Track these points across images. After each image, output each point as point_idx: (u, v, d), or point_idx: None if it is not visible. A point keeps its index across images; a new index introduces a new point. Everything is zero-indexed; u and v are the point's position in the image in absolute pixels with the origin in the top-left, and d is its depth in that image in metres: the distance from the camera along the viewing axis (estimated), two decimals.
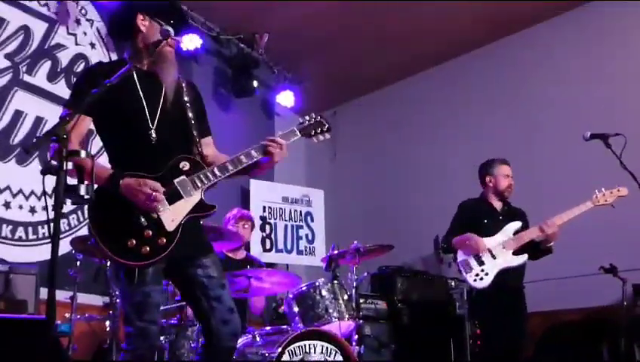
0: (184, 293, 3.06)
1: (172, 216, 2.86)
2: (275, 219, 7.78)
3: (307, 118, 3.29)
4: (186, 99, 3.13)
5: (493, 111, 7.72)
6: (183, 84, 3.18)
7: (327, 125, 3.29)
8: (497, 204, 5.28)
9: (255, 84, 7.97)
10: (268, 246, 7.63)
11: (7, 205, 5.61)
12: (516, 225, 5.09)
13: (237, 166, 3.02)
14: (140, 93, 2.99)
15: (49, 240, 5.60)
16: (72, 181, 2.37)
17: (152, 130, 2.95)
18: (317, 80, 8.61)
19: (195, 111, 3.14)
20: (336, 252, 5.08)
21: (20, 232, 5.67)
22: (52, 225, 2.26)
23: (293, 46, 8.01)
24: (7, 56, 5.83)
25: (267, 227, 7.69)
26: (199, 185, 2.94)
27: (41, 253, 5.64)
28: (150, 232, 2.80)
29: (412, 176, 8.34)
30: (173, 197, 2.89)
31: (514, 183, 5.25)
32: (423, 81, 8.58)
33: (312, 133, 3.26)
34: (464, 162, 6.04)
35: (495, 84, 7.77)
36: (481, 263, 4.96)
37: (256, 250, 7.26)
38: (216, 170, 2.98)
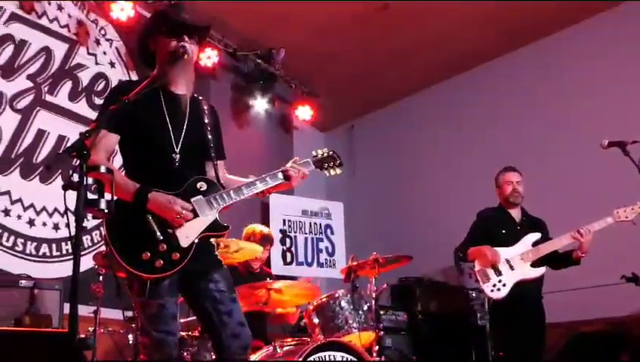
0: (195, 308, 3.09)
1: (187, 232, 2.91)
2: (295, 233, 7.80)
3: (320, 151, 3.36)
4: (206, 121, 3.19)
5: (511, 120, 7.71)
6: (205, 107, 3.24)
7: (338, 160, 3.38)
8: (515, 214, 5.27)
9: (273, 98, 8.05)
10: (288, 259, 7.64)
11: (31, 222, 5.72)
12: (535, 236, 5.07)
13: (252, 190, 3.10)
14: (166, 114, 3.06)
15: (72, 256, 5.77)
16: (92, 196, 2.42)
17: (177, 155, 3.02)
18: (334, 94, 8.66)
19: (214, 135, 3.20)
20: (355, 263, 5.09)
21: (44, 249, 5.76)
22: (73, 239, 2.30)
23: (309, 61, 8.08)
24: (30, 77, 5.96)
25: (287, 240, 7.71)
26: (215, 205, 2.99)
27: (65, 269, 5.72)
28: (165, 246, 2.85)
29: (430, 187, 8.34)
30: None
31: (521, 189, 5.23)
32: (439, 92, 8.61)
33: (325, 167, 3.35)
34: (482, 172, 6.02)
35: (512, 93, 7.77)
36: (498, 273, 4.95)
37: (276, 263, 7.28)
38: (231, 193, 3.04)
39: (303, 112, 8.50)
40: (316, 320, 4.78)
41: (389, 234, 8.07)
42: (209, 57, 7.17)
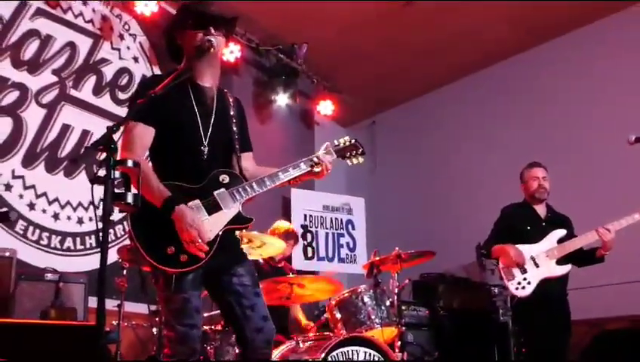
0: (218, 302, 3.10)
1: (210, 226, 2.90)
2: (317, 228, 7.80)
3: (342, 140, 3.36)
4: (232, 113, 3.20)
5: (535, 114, 7.64)
6: (231, 100, 3.25)
7: (361, 149, 3.37)
8: (541, 210, 5.22)
9: (294, 93, 8.05)
10: (309, 254, 7.65)
11: (56, 216, 5.77)
12: (560, 233, 5.02)
13: (274, 181, 3.09)
14: (195, 107, 3.07)
15: (96, 249, 5.82)
16: (119, 190, 2.42)
17: (205, 147, 3.03)
18: (356, 89, 8.64)
19: (239, 127, 3.21)
20: (377, 258, 5.08)
21: (69, 243, 5.81)
22: (100, 233, 2.31)
23: (332, 56, 8.07)
24: (55, 72, 6.01)
25: (308, 235, 7.72)
26: (237, 198, 2.99)
27: (89, 262, 5.77)
28: None
29: (453, 182, 8.31)
30: (212, 208, 2.94)
31: (546, 184, 5.18)
32: (461, 89, 8.56)
33: (347, 155, 3.35)
34: (506, 168, 5.98)
35: (536, 90, 7.70)
36: (523, 271, 4.90)
37: (298, 258, 7.29)
38: (254, 184, 3.04)
39: (325, 108, 8.49)
40: (339, 315, 4.78)
41: (411, 230, 8.04)
42: (232, 52, 7.17)
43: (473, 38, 7.58)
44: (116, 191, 2.38)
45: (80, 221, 5.91)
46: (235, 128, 3.18)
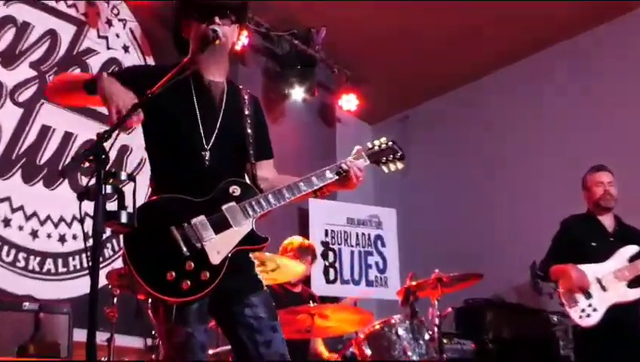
0: (228, 336, 3.08)
1: (218, 247, 2.89)
2: (340, 245, 7.79)
3: (377, 142, 3.35)
4: (247, 112, 3.20)
5: (599, 107, 7.58)
6: (245, 96, 3.26)
7: (400, 152, 3.35)
8: (607, 222, 5.19)
9: (312, 85, 8.07)
10: (332, 276, 7.63)
11: (34, 234, 5.81)
12: (632, 249, 4.98)
13: (294, 193, 3.08)
14: (195, 105, 3.08)
15: (82, 273, 5.86)
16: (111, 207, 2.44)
17: (207, 152, 3.03)
18: (384, 79, 8.64)
19: (254, 128, 3.21)
20: (414, 283, 5.06)
21: (49, 264, 5.85)
22: (90, 259, 2.32)
23: (355, 41, 8.07)
24: (33, 65, 6.05)
25: (330, 254, 7.71)
26: (250, 213, 2.98)
27: (74, 288, 5.81)
28: (192, 264, 2.84)
29: (501, 189, 8.27)
30: (220, 225, 2.93)
31: (613, 191, 5.15)
32: (510, 76, 8.53)
33: (383, 161, 3.32)
34: (566, 172, 5.95)
35: (601, 73, 7.63)
36: (588, 296, 4.86)
37: (317, 281, 7.28)
38: (270, 197, 3.03)
39: (348, 102, 8.49)
40: (368, 352, 4.78)
41: (452, 247, 8.01)
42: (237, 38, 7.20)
43: (523, 18, 7.54)
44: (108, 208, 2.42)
45: (62, 239, 5.95)
46: (249, 130, 3.18)
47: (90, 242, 2.35)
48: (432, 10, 7.49)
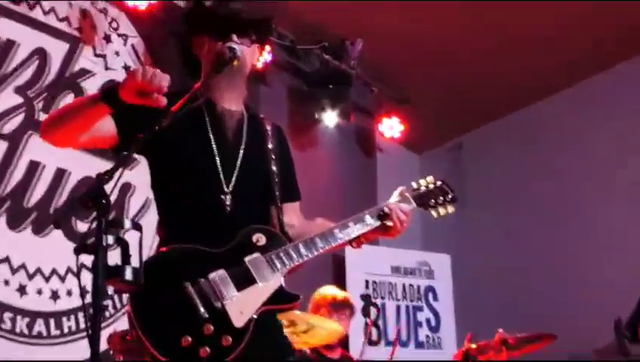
0: None
1: (241, 307, 2.90)
2: (383, 298, 7.78)
3: (423, 182, 3.39)
4: (270, 146, 3.24)
5: None
6: (268, 127, 3.30)
7: (451, 194, 3.41)
8: None
9: (347, 108, 8.09)
10: (374, 337, 7.60)
11: (22, 289, 5.83)
12: None
13: (329, 243, 3.11)
14: (212, 140, 3.12)
15: (78, 335, 5.88)
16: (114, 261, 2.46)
17: (227, 195, 3.06)
18: (433, 99, 8.65)
19: (280, 166, 3.23)
20: (473, 345, 5.03)
21: (40, 326, 5.86)
22: (89, 324, 2.33)
23: (398, 54, 8.11)
24: (18, 90, 6.09)
25: (372, 310, 7.68)
26: (278, 266, 3.00)
27: (68, 353, 5.81)
28: (212, 327, 2.85)
29: (575, 232, 8.21)
30: (243, 281, 2.94)
31: None
32: (581, 94, 8.53)
33: (431, 204, 3.37)
34: None
35: None
36: None
37: (357, 342, 7.24)
38: (301, 248, 3.05)
39: (390, 127, 8.53)
40: None
41: (516, 301, 7.96)
42: None
43: (595, 28, 7.53)
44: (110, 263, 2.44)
45: (55, 295, 5.98)
46: (274, 168, 3.21)
47: (89, 300, 2.36)
48: (489, 20, 7.53)
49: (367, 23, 7.71)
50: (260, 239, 3.03)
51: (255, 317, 2.92)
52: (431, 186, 3.37)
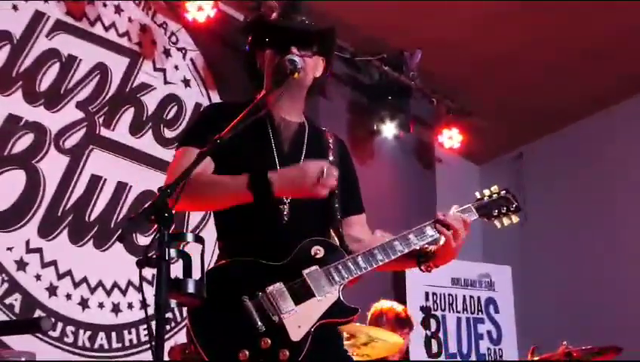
0: None
1: (299, 320, 2.90)
2: (443, 311, 7.74)
3: (487, 192, 3.35)
4: (331, 158, 3.23)
5: None
6: (330, 139, 3.31)
7: (515, 204, 3.34)
8: None
9: (406, 119, 8.08)
10: (434, 349, 7.57)
11: (84, 303, 5.90)
12: None
13: (389, 255, 3.08)
14: (275, 151, 3.13)
15: (140, 348, 5.94)
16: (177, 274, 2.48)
17: (286, 205, 3.07)
18: (493, 110, 8.61)
19: (341, 178, 3.21)
20: (536, 358, 4.98)
21: (102, 339, 5.92)
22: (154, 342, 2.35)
23: (457, 65, 8.09)
24: (80, 105, 6.17)
25: (432, 322, 7.65)
26: (336, 279, 2.98)
27: None
28: (269, 341, 2.85)
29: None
30: (300, 294, 2.94)
31: None
32: (637, 109, 8.45)
33: (495, 214, 3.32)
34: None
35: None
36: None
37: (418, 355, 7.23)
38: (360, 260, 3.03)
39: (450, 138, 8.50)
40: None
41: (580, 313, 7.87)
42: None
43: None
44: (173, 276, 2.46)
45: (116, 309, 6.04)
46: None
47: (151, 313, 2.39)
48: (550, 28, 7.50)
49: (426, 34, 7.71)
50: (318, 251, 3.02)
51: (312, 330, 2.91)
52: (495, 196, 3.33)
